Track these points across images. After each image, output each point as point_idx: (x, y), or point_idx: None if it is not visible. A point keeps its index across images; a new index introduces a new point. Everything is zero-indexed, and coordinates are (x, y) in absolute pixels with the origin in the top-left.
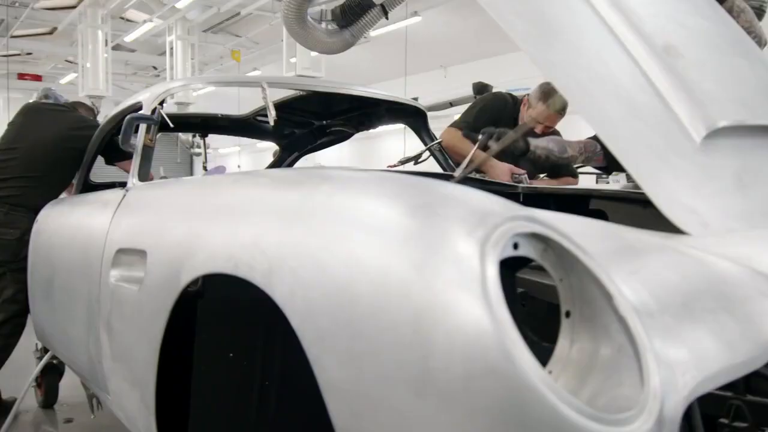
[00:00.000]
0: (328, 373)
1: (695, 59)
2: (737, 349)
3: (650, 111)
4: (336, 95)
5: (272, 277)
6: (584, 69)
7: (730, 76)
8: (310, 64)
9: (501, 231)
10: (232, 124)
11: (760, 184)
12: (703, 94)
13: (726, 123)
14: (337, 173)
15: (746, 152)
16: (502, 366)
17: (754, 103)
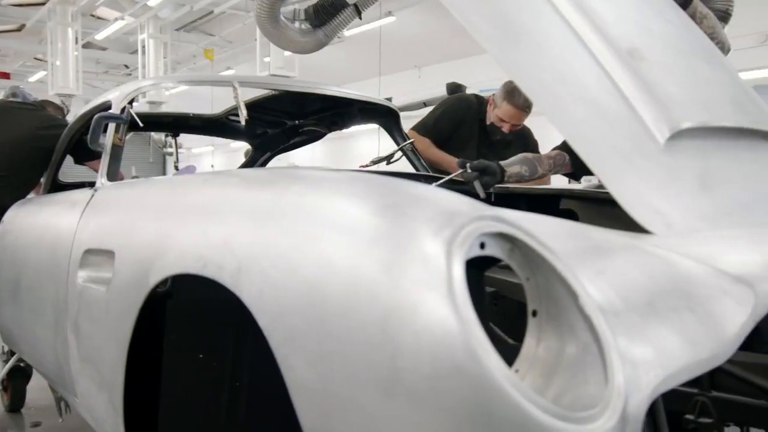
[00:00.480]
0: (297, 373)
1: (659, 62)
2: (700, 347)
3: (615, 112)
4: (308, 95)
5: (241, 277)
6: (549, 71)
7: (693, 79)
8: (284, 64)
9: (467, 231)
10: (204, 124)
11: (722, 185)
12: (666, 96)
13: (689, 124)
14: (307, 173)
15: (709, 153)
16: (468, 365)
17: (716, 105)
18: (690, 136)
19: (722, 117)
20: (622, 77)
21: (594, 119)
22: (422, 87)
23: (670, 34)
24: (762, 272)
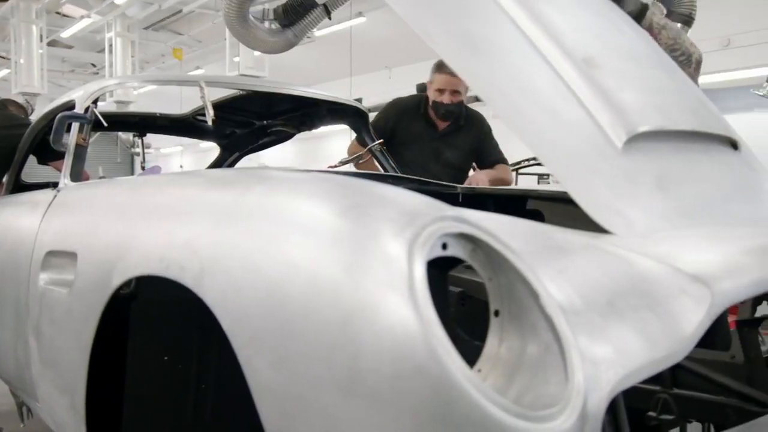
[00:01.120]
0: (259, 374)
1: (614, 70)
2: (658, 345)
3: (572, 118)
4: (277, 95)
5: (203, 279)
6: (506, 79)
7: (648, 86)
8: (254, 64)
9: (429, 231)
10: (171, 124)
11: (679, 186)
12: (622, 102)
13: (646, 128)
14: (270, 174)
15: (665, 156)
16: (429, 366)
17: (671, 110)
18: (647, 140)
19: (677, 121)
20: (578, 84)
21: (552, 125)
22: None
23: (623, 44)
24: (718, 271)
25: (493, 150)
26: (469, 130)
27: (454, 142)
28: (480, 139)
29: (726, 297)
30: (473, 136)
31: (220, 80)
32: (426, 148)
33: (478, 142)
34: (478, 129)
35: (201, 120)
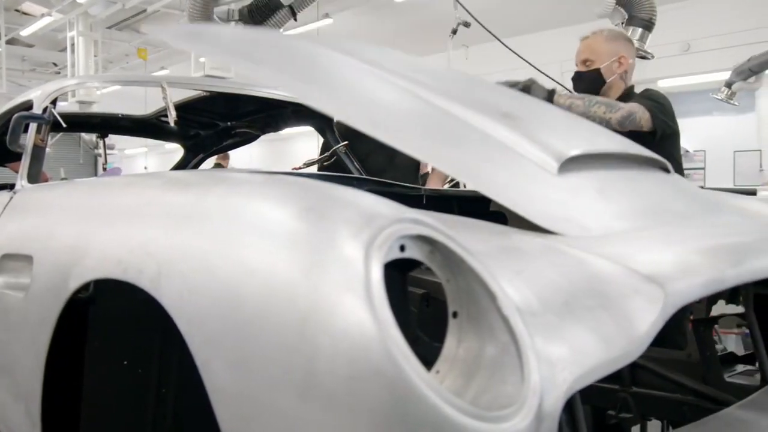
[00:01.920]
0: (216, 377)
1: (532, 119)
2: (613, 345)
3: (503, 159)
4: (241, 96)
5: (161, 282)
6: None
7: (568, 127)
8: (220, 65)
9: (387, 233)
10: (134, 125)
11: (621, 195)
12: (545, 140)
13: (576, 152)
14: (229, 176)
15: (602, 175)
16: (385, 367)
17: (596, 139)
18: (581, 164)
19: (606, 146)
20: (501, 132)
21: (487, 165)
22: None
23: (534, 104)
24: (672, 272)
25: None
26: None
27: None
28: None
29: (679, 297)
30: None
31: (182, 81)
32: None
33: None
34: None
35: (164, 121)
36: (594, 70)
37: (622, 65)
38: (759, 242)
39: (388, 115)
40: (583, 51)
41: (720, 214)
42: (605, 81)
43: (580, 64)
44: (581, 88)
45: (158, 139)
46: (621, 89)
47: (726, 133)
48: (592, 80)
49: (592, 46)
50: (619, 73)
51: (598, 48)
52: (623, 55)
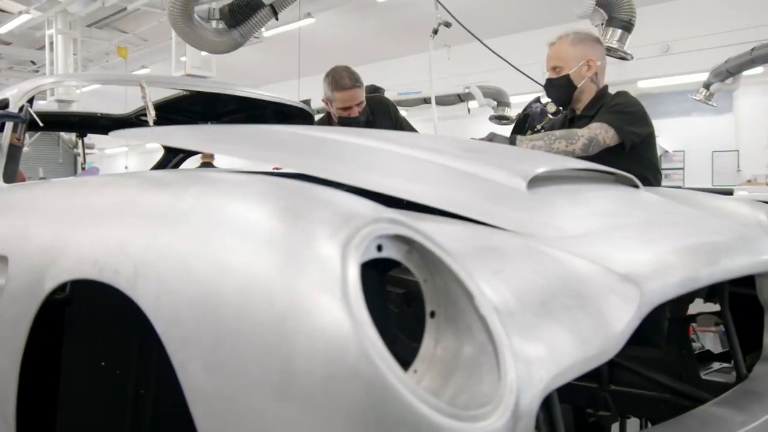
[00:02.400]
0: (193, 378)
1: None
2: (589, 343)
3: (473, 184)
4: (221, 96)
5: (137, 282)
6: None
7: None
8: (201, 64)
9: (364, 233)
10: (113, 124)
11: (591, 204)
12: (510, 164)
13: (542, 169)
14: (207, 175)
15: (569, 187)
16: (361, 367)
17: (562, 161)
18: (546, 182)
19: (572, 164)
20: (465, 165)
21: (459, 191)
22: None
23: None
24: (647, 271)
25: (406, 123)
26: (381, 117)
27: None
28: (394, 120)
29: (655, 296)
30: (387, 121)
31: (162, 80)
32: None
33: (394, 124)
34: (387, 111)
35: (144, 120)
36: (564, 76)
37: (591, 68)
38: (733, 242)
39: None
40: (551, 57)
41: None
42: (576, 86)
43: (550, 70)
44: (554, 95)
45: None
46: (593, 92)
47: (704, 133)
48: (563, 86)
49: (559, 52)
50: (589, 77)
51: (565, 53)
52: (591, 58)
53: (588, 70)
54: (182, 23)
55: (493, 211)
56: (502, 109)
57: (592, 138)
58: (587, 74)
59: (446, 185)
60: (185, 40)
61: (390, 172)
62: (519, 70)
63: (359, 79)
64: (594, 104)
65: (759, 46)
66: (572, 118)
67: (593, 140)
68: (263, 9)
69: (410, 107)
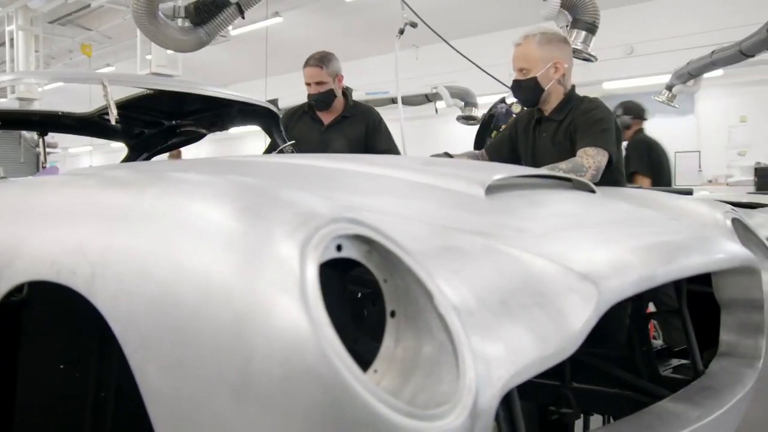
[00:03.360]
0: (151, 380)
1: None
2: (548, 342)
3: (432, 193)
4: (186, 95)
5: (95, 283)
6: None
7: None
8: (167, 62)
9: (323, 233)
10: (76, 123)
11: (549, 205)
12: (468, 174)
13: (500, 176)
14: (167, 174)
15: (525, 193)
16: (319, 367)
17: (520, 170)
18: (503, 189)
19: (521, 171)
20: (423, 177)
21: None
22: None
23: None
24: (605, 270)
25: (383, 140)
26: (356, 120)
27: (341, 131)
28: (369, 128)
29: (612, 294)
30: (360, 127)
31: (126, 79)
32: (314, 141)
33: (367, 133)
34: (367, 119)
35: (107, 119)
36: (531, 78)
37: (558, 70)
38: (689, 241)
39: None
40: (517, 59)
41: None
42: (544, 89)
43: (517, 72)
44: (521, 97)
45: (101, 138)
46: (561, 94)
47: (667, 134)
48: (531, 89)
49: (526, 54)
50: (557, 79)
51: (532, 55)
52: (558, 60)
53: (555, 72)
54: (146, 21)
55: (453, 215)
56: (470, 109)
57: (598, 167)
58: (555, 76)
59: (406, 197)
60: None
61: (350, 189)
62: (484, 71)
63: (323, 61)
64: (562, 107)
65: (719, 50)
66: (539, 119)
67: (599, 169)
68: (229, 7)
69: (378, 107)
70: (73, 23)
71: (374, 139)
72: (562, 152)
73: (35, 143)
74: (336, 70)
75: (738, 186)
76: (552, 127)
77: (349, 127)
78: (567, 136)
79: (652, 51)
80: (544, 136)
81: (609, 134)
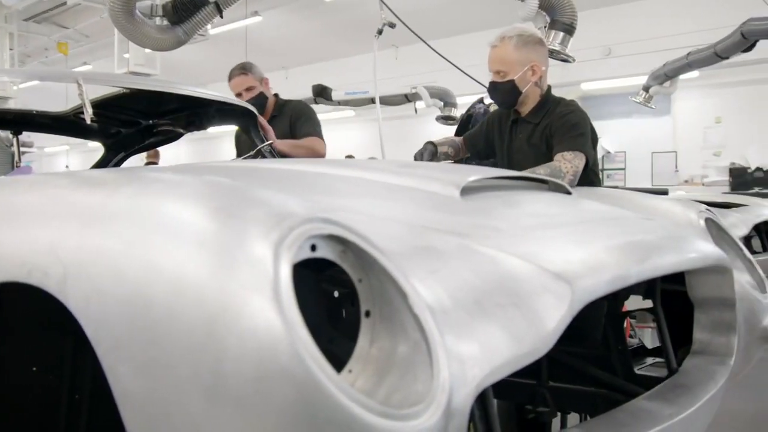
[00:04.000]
0: (123, 382)
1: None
2: (523, 341)
3: (407, 194)
4: (164, 94)
5: (67, 284)
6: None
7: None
8: (145, 61)
9: (297, 233)
10: (51, 122)
11: (524, 206)
12: (441, 175)
13: (474, 177)
14: (141, 174)
15: (500, 194)
16: (292, 368)
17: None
18: (478, 190)
19: (496, 173)
20: (402, 179)
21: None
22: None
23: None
24: (579, 269)
25: (305, 127)
26: (283, 117)
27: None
28: (292, 121)
29: (586, 293)
30: (285, 122)
31: (102, 78)
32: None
33: (290, 126)
34: (291, 113)
35: (83, 118)
36: (509, 81)
37: (535, 73)
38: (662, 240)
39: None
40: (494, 61)
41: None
42: (521, 91)
43: (494, 74)
44: (498, 99)
45: (77, 137)
46: (538, 96)
47: (644, 135)
48: (508, 91)
49: (503, 57)
50: (534, 81)
51: (509, 58)
52: (535, 63)
53: (533, 74)
54: (123, 19)
55: (428, 216)
56: (449, 109)
57: (576, 172)
58: (532, 79)
59: (382, 198)
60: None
61: (325, 190)
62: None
63: (245, 68)
64: (539, 110)
65: (694, 51)
66: (516, 119)
67: (576, 174)
68: (207, 6)
69: (358, 107)
70: (49, 21)
71: (296, 128)
72: (538, 155)
73: (9, 142)
74: (260, 74)
75: (713, 186)
76: (528, 129)
77: (277, 125)
78: (543, 139)
79: (630, 52)
80: (520, 137)
81: (585, 138)
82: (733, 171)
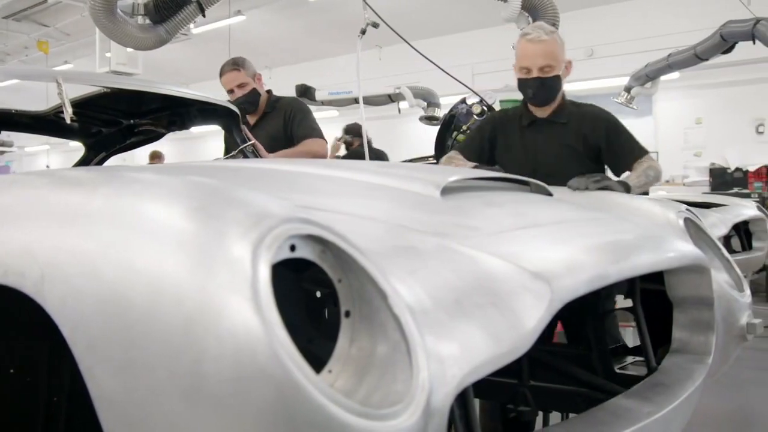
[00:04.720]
0: (101, 383)
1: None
2: (502, 341)
3: (388, 193)
4: (145, 93)
5: (44, 285)
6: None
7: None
8: (127, 60)
9: (276, 233)
10: (31, 122)
11: (504, 206)
12: (422, 176)
13: (455, 177)
14: (120, 174)
15: (481, 194)
16: (271, 368)
17: (464, 173)
18: (459, 191)
19: (477, 174)
20: (383, 179)
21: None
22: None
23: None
24: (558, 269)
25: (301, 127)
26: (276, 114)
27: (263, 129)
28: (286, 118)
29: (565, 293)
30: (278, 120)
31: (83, 77)
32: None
33: (284, 123)
34: (284, 110)
35: (63, 117)
36: (556, 77)
37: (568, 70)
38: (641, 240)
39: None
40: (543, 56)
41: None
42: (561, 88)
43: (538, 70)
44: (543, 95)
45: (58, 137)
46: (562, 95)
47: None
48: (555, 87)
49: (553, 51)
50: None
51: (557, 53)
52: (569, 61)
53: (567, 72)
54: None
55: (408, 216)
56: (432, 109)
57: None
58: (565, 76)
59: (362, 198)
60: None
61: (305, 190)
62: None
63: (238, 63)
64: (562, 110)
65: (675, 53)
66: (533, 121)
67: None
68: (189, 5)
69: (341, 107)
70: (29, 19)
71: (292, 127)
72: (579, 156)
73: None
74: (253, 70)
75: (694, 186)
76: (556, 130)
77: (270, 122)
78: (580, 140)
79: (612, 54)
80: (549, 139)
81: (634, 137)
82: (713, 171)
